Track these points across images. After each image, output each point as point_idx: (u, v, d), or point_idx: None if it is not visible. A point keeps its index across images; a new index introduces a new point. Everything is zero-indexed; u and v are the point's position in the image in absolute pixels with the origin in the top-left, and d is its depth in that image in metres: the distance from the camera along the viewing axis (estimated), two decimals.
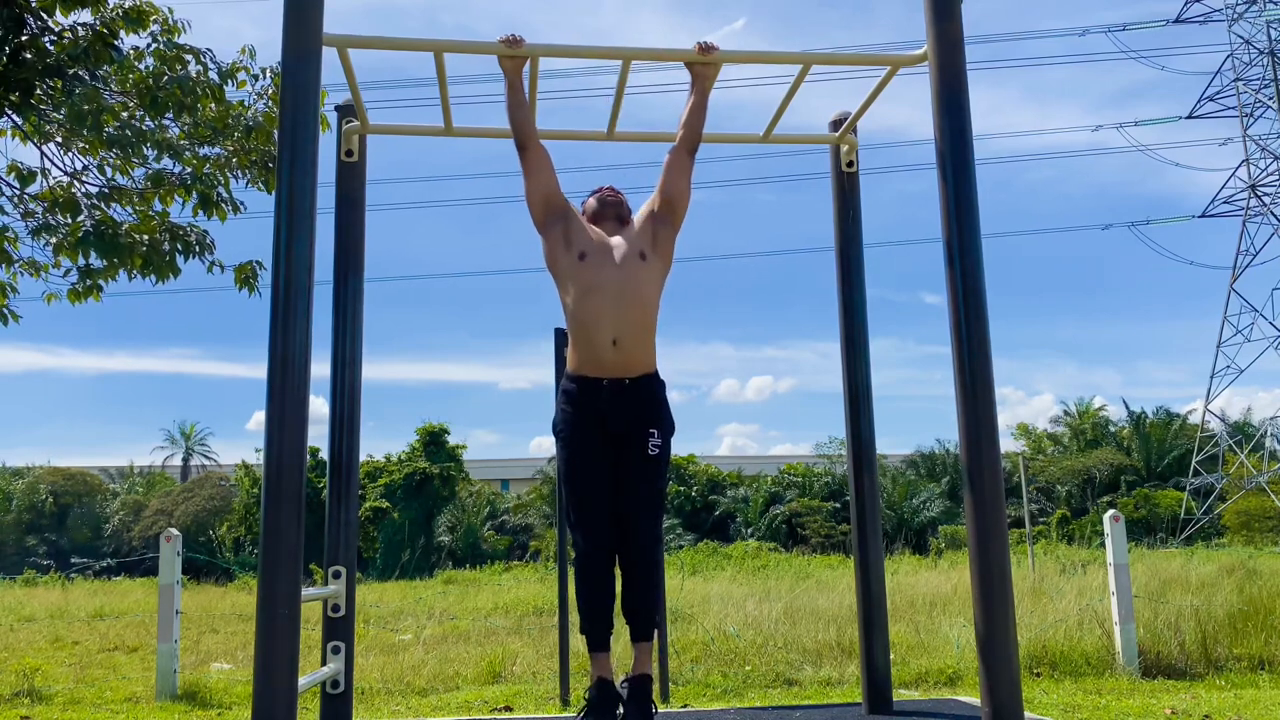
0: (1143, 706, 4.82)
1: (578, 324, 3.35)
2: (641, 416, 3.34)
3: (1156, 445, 35.51)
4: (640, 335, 3.35)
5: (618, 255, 3.37)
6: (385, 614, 11.54)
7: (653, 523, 3.34)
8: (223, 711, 5.58)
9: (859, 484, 4.09)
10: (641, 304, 3.35)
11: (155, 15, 6.32)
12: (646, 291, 3.38)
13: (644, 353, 3.37)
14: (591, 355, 3.32)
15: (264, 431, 2.84)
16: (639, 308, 3.34)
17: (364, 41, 3.35)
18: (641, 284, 3.36)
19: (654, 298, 3.43)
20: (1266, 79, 34.89)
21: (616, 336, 3.29)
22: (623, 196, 3.62)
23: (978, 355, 3.09)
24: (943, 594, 9.59)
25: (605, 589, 3.32)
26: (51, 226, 6.57)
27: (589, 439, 3.32)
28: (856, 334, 4.15)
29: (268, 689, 2.69)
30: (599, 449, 3.31)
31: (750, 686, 5.79)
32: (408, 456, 30.13)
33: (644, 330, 3.37)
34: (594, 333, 3.30)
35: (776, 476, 33.00)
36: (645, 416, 3.34)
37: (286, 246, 2.89)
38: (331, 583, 3.65)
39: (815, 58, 3.65)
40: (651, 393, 3.38)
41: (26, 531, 33.82)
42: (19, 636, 9.91)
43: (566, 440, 3.36)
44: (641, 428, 3.33)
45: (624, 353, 3.30)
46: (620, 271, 3.34)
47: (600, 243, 3.40)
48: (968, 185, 3.18)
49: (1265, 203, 35.05)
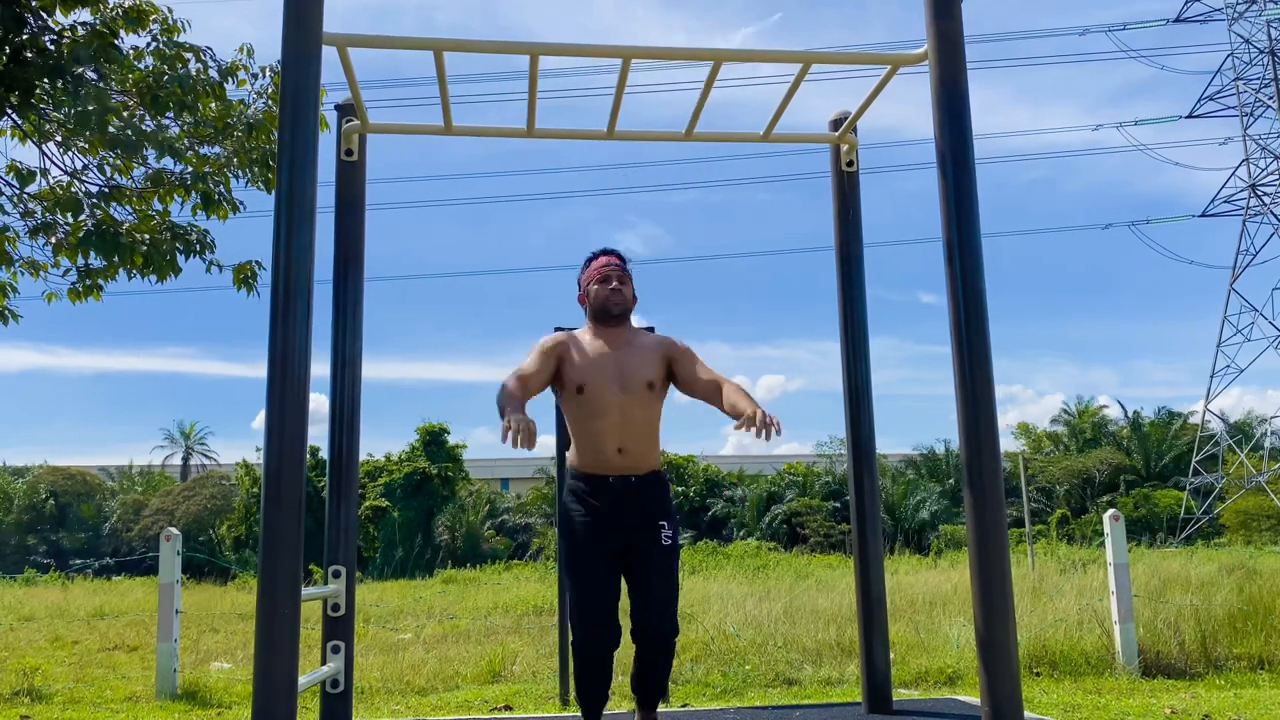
0: (1142, 706, 4.82)
1: (582, 437, 3.36)
2: (651, 511, 3.33)
3: (1156, 445, 35.52)
4: (645, 445, 3.36)
5: (622, 382, 3.33)
6: (385, 613, 11.54)
7: (672, 615, 3.31)
8: (223, 711, 5.58)
9: (859, 483, 4.09)
10: (646, 422, 3.36)
11: (155, 15, 6.31)
12: (651, 414, 3.38)
13: (649, 457, 3.38)
14: (597, 459, 3.33)
15: (264, 431, 2.84)
16: (643, 425, 3.35)
17: (364, 41, 3.35)
18: (647, 407, 3.35)
19: (658, 416, 3.42)
20: (1266, 78, 34.89)
21: (622, 446, 3.31)
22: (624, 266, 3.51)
23: (978, 355, 3.09)
24: (942, 594, 9.58)
25: (605, 683, 3.39)
26: (51, 226, 6.56)
27: (598, 534, 3.30)
28: (856, 333, 4.15)
29: (268, 688, 2.69)
30: (606, 545, 3.29)
31: (750, 686, 5.79)
32: (408, 456, 30.12)
33: (649, 442, 3.37)
34: (600, 443, 3.31)
35: (775, 476, 33.01)
36: (655, 510, 3.34)
37: (286, 246, 2.90)
38: (331, 582, 3.65)
39: (815, 57, 3.65)
40: (659, 488, 3.40)
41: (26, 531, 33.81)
42: (19, 636, 9.91)
43: (575, 535, 3.33)
44: (652, 521, 3.33)
45: (630, 457, 3.32)
46: (624, 397, 3.32)
47: (600, 369, 3.33)
48: (968, 184, 3.18)
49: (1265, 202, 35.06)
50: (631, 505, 3.30)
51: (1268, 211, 35.00)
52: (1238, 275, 35.59)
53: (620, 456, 3.30)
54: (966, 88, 3.22)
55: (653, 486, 3.37)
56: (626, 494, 3.31)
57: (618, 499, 3.30)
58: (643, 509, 3.32)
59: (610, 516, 3.30)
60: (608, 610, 3.26)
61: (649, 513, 3.33)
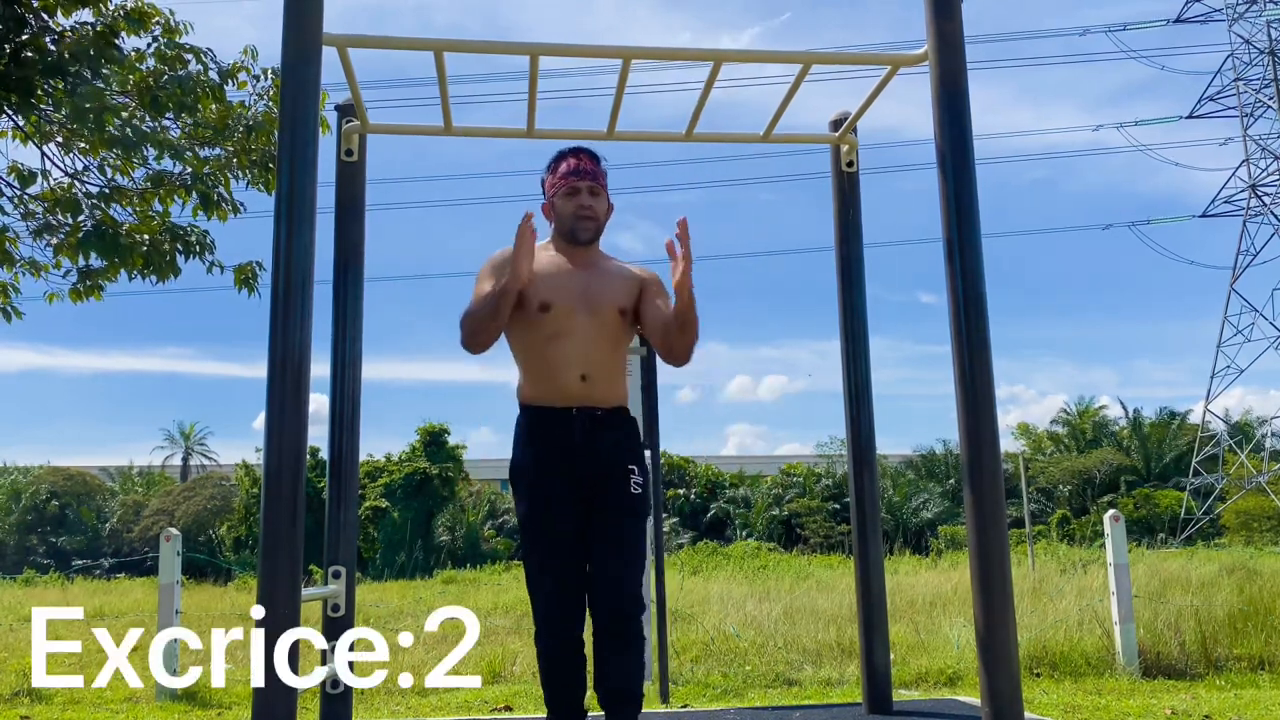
0: (1143, 707, 4.81)
1: (538, 363, 2.89)
2: (620, 451, 2.87)
3: (1156, 445, 35.51)
4: (611, 376, 2.93)
5: (590, 305, 2.90)
6: (385, 614, 11.54)
7: (635, 583, 2.78)
8: (222, 711, 5.58)
9: (859, 483, 4.09)
10: (614, 351, 2.95)
11: (156, 16, 6.32)
12: (618, 342, 2.96)
13: (615, 390, 2.94)
14: (556, 389, 2.86)
15: (264, 431, 2.84)
16: (610, 353, 2.93)
17: (364, 41, 3.34)
18: (615, 334, 2.94)
19: (626, 347, 3.04)
20: (1267, 79, 34.90)
21: (586, 373, 2.85)
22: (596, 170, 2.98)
23: (978, 355, 3.09)
24: (943, 594, 9.58)
25: (577, 678, 2.83)
26: (52, 227, 6.56)
27: (555, 482, 2.82)
28: (856, 333, 4.15)
29: (268, 689, 2.69)
30: (567, 495, 2.81)
31: (750, 686, 5.78)
32: (408, 456, 30.11)
33: (615, 373, 2.95)
34: (560, 369, 2.86)
35: (776, 477, 33.00)
36: (623, 453, 2.88)
37: (286, 246, 2.89)
38: (331, 582, 3.65)
39: (815, 57, 3.65)
40: (628, 427, 2.94)
41: (27, 531, 33.81)
42: (19, 636, 9.90)
43: (529, 485, 2.85)
44: (620, 465, 2.85)
45: (594, 386, 2.87)
46: (591, 320, 2.89)
47: (566, 288, 2.89)
48: (968, 184, 3.18)
49: (1265, 203, 35.07)
50: (596, 444, 2.83)
51: (1268, 212, 35.01)
52: (1238, 275, 35.63)
53: (583, 385, 2.83)
54: (967, 88, 3.21)
55: (621, 425, 2.91)
56: (592, 429, 2.83)
57: (581, 436, 2.82)
58: (608, 450, 2.84)
59: (570, 459, 2.81)
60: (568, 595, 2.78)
61: (616, 455, 2.85)
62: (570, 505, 2.82)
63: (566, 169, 2.98)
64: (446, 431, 30.38)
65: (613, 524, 2.81)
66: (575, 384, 2.85)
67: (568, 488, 2.82)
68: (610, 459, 2.86)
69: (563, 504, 2.81)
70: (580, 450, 2.83)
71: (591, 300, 2.90)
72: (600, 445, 2.86)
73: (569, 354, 2.85)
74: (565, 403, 2.85)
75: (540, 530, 2.83)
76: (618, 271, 3.02)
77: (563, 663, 2.83)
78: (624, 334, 2.98)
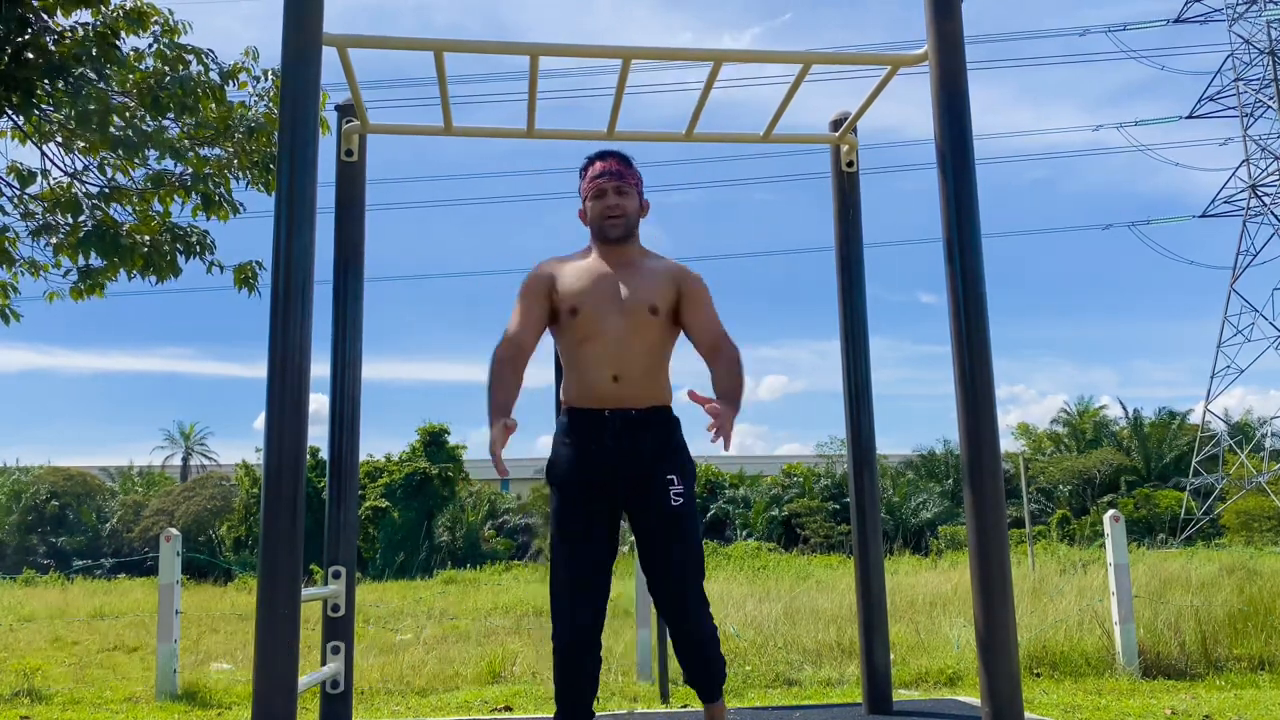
0: (1143, 707, 4.81)
1: (573, 366, 2.95)
2: (656, 457, 2.86)
3: (1156, 445, 35.52)
4: (647, 374, 2.92)
5: (620, 304, 2.91)
6: (385, 614, 11.54)
7: (698, 589, 2.85)
8: (223, 711, 5.58)
9: (859, 483, 4.09)
10: (648, 350, 2.92)
11: (156, 16, 6.32)
12: (654, 341, 2.93)
13: (653, 389, 2.92)
14: (590, 390, 2.89)
15: (264, 431, 2.84)
16: (645, 352, 2.91)
17: (364, 41, 3.35)
18: (650, 332, 2.92)
19: (665, 345, 2.97)
20: (1266, 79, 34.92)
21: (618, 374, 2.86)
22: (625, 171, 3.04)
23: (978, 355, 3.09)
24: (943, 594, 9.58)
25: (588, 683, 2.84)
26: (52, 227, 6.57)
27: (585, 481, 2.84)
28: (856, 333, 4.15)
29: (268, 689, 2.69)
30: (596, 495, 2.83)
31: (750, 686, 5.79)
32: (408, 456, 30.11)
33: (653, 371, 2.94)
34: (592, 370, 2.88)
35: (776, 477, 33.00)
36: (661, 457, 2.87)
37: (286, 246, 2.89)
38: (331, 582, 3.65)
39: (815, 57, 3.65)
40: (667, 428, 2.93)
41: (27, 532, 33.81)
42: (19, 636, 9.91)
43: (559, 482, 2.88)
44: (658, 473, 2.84)
45: (628, 386, 2.87)
46: (622, 320, 2.89)
47: (595, 290, 2.92)
48: (968, 184, 3.18)
49: (1265, 203, 35.09)
50: (632, 447, 2.83)
51: (1268, 212, 35.02)
52: (1238, 276, 35.65)
53: (616, 386, 2.85)
54: (967, 88, 3.21)
55: (659, 426, 2.90)
56: (625, 431, 2.84)
57: (614, 439, 2.83)
58: (644, 454, 2.84)
59: (602, 462, 2.83)
60: (582, 588, 2.78)
61: (651, 461, 2.84)
62: (597, 504, 2.84)
63: (594, 172, 3.06)
64: (446, 431, 30.39)
65: (660, 547, 2.85)
66: (608, 385, 2.86)
67: (597, 487, 2.84)
68: (647, 464, 2.86)
69: (589, 503, 2.84)
70: (613, 452, 2.85)
71: (622, 300, 2.92)
72: (634, 447, 2.86)
73: (600, 355, 2.88)
74: (599, 404, 2.88)
75: (563, 525, 2.85)
76: (654, 269, 3.02)
77: (571, 658, 2.81)
78: (661, 332, 2.96)
